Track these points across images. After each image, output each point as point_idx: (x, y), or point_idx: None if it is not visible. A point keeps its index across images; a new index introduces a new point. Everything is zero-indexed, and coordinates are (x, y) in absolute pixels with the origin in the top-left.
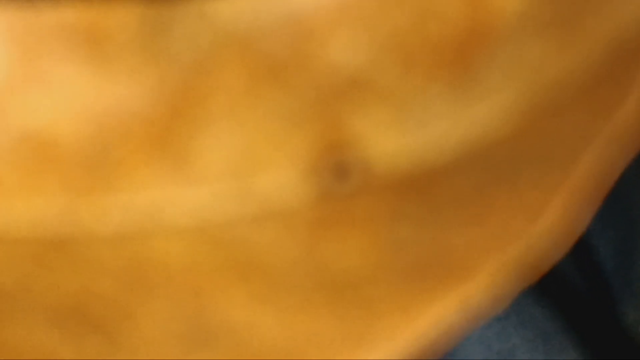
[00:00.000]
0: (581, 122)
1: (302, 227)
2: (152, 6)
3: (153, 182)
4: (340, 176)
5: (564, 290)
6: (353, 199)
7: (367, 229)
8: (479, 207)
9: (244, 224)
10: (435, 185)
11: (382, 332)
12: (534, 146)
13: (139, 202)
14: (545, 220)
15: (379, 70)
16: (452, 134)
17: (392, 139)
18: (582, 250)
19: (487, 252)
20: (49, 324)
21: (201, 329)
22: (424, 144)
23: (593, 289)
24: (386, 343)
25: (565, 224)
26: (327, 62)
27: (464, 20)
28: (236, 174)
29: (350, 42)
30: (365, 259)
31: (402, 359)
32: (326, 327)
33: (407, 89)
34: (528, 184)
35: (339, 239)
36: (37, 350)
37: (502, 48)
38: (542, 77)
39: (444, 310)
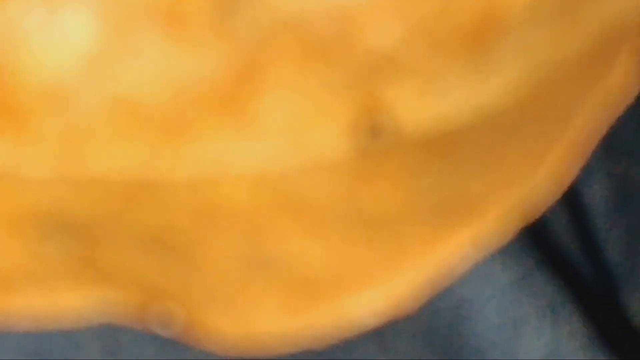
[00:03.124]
0: (575, 91)
1: (344, 176)
2: None
3: (221, 136)
4: (374, 135)
5: (572, 273)
6: (385, 154)
7: (397, 178)
8: (491, 159)
9: (296, 173)
10: (455, 143)
11: (409, 260)
12: (537, 111)
13: (209, 154)
14: (544, 169)
15: (409, 50)
16: (469, 101)
17: (419, 105)
18: (591, 243)
19: (496, 195)
20: (135, 248)
21: (260, 256)
22: (446, 110)
23: (599, 278)
24: (413, 269)
25: (561, 172)
26: (366, 43)
27: (481, 10)
28: (289, 131)
29: (385, 26)
30: (395, 202)
31: (425, 283)
32: (363, 256)
33: (432, 66)
34: (531, 139)
35: (374, 186)
36: (126, 267)
37: (512, 33)
38: (545, 56)
39: (460, 243)
